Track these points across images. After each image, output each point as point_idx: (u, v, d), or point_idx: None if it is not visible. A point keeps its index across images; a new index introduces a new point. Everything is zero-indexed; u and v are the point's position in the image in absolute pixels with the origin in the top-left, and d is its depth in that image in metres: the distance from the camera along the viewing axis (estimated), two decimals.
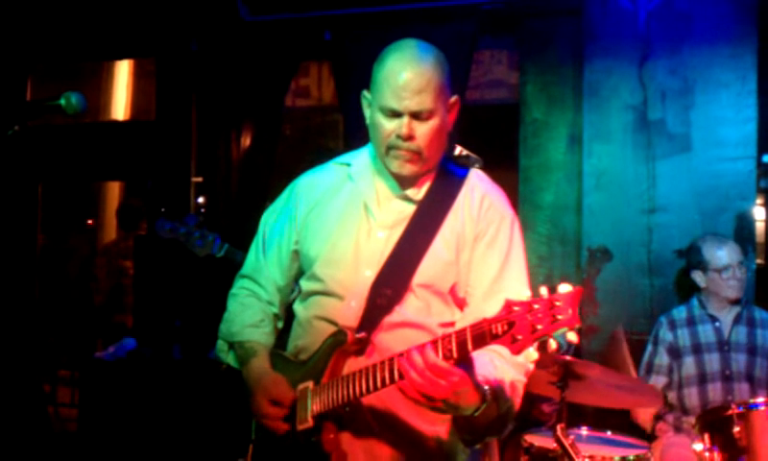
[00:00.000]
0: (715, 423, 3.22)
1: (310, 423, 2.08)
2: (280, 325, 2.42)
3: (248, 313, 2.37)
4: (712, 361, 3.85)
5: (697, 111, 4.45)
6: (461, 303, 2.17)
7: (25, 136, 2.16)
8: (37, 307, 6.24)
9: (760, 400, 3.24)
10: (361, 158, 2.31)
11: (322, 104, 6.03)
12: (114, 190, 8.20)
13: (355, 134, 4.94)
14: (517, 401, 2.06)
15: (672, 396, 3.92)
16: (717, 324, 3.89)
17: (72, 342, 6.95)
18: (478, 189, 2.22)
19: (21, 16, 5.73)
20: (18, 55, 5.86)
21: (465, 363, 1.83)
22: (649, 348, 4.02)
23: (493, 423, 2.00)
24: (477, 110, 5.57)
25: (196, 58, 5.45)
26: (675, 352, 3.92)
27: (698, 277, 3.95)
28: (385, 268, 2.13)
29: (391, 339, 2.07)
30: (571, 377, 3.18)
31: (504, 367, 2.01)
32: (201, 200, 5.81)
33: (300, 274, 2.34)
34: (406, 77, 2.07)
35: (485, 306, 1.95)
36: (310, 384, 2.11)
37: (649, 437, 3.85)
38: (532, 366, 2.10)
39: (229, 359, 2.38)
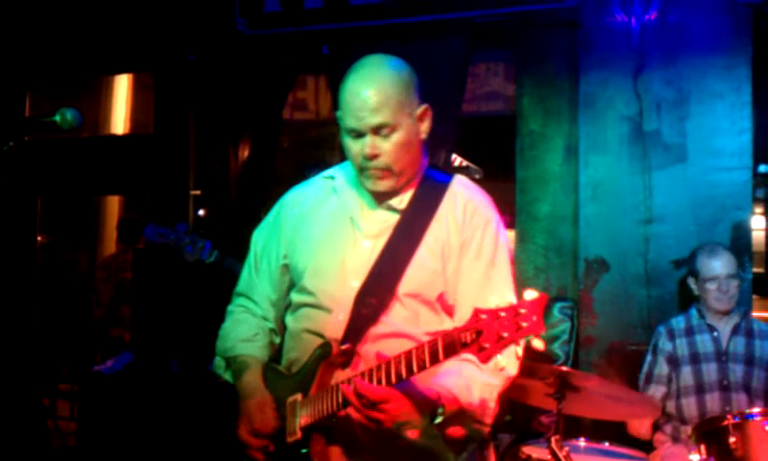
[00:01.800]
0: (711, 433, 3.21)
1: (298, 435, 2.11)
2: (277, 339, 2.43)
3: (241, 328, 2.40)
4: (710, 371, 3.85)
5: (692, 122, 4.45)
6: (450, 311, 2.18)
7: (23, 151, 2.18)
8: (37, 321, 6.24)
9: (756, 410, 3.24)
10: (345, 171, 2.34)
11: (319, 117, 6.06)
12: (113, 204, 8.21)
13: None
14: (491, 405, 2.09)
15: (670, 405, 3.91)
16: (716, 334, 3.89)
17: (71, 355, 6.95)
18: (461, 196, 2.23)
19: (19, 32, 5.76)
20: (17, 70, 5.88)
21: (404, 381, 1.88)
22: (648, 357, 4.01)
23: (468, 427, 2.07)
24: (474, 122, 5.60)
25: (194, 71, 5.47)
26: (674, 362, 3.91)
27: (692, 284, 3.97)
28: (370, 278, 2.15)
29: (377, 349, 2.07)
30: (568, 389, 3.18)
31: (473, 373, 2.04)
32: (201, 212, 5.83)
33: (291, 287, 2.35)
34: (362, 96, 2.08)
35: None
36: (299, 396, 2.14)
37: (647, 448, 3.85)
38: (513, 371, 2.12)
39: (227, 376, 2.40)
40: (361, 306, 2.13)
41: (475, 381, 2.04)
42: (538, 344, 1.66)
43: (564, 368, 3.21)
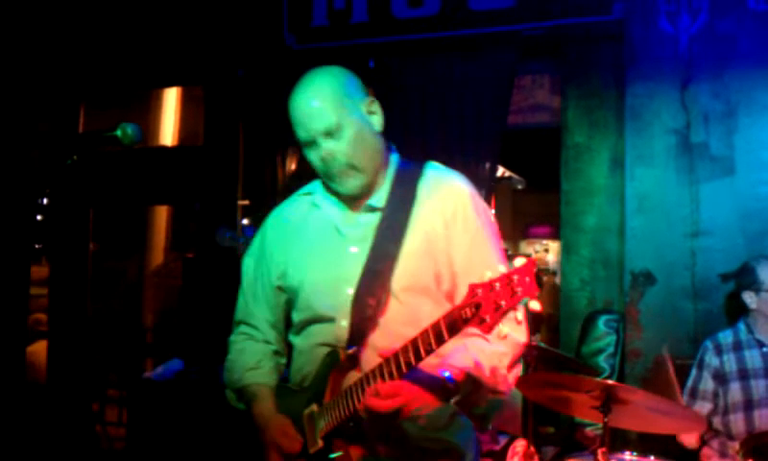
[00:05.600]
0: (760, 449, 3.19)
1: (320, 444, 2.17)
2: (283, 360, 2.49)
3: (245, 357, 2.45)
4: (759, 387, 3.80)
5: (740, 135, 4.41)
6: (450, 296, 2.22)
7: (78, 163, 2.26)
8: (89, 328, 6.37)
9: None
10: (322, 185, 2.38)
11: None
12: (162, 213, 8.35)
13: None
14: (503, 371, 2.15)
15: (717, 421, 3.88)
16: (765, 349, 3.85)
17: (121, 362, 7.08)
18: (436, 179, 2.29)
19: (74, 47, 5.92)
20: (72, 84, 6.04)
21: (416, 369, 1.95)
22: (693, 372, 3.98)
23: (482, 398, 2.16)
24: (519, 134, 5.61)
25: (243, 85, 5.57)
26: (721, 378, 3.88)
27: (749, 298, 3.89)
28: (362, 282, 2.19)
29: (379, 351, 2.11)
30: (614, 402, 3.17)
31: (478, 345, 2.12)
32: (245, 221, 5.91)
33: (290, 307, 2.41)
34: (303, 107, 2.20)
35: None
36: (315, 407, 2.20)
37: None
38: (521, 337, 2.18)
39: (240, 406, 2.46)
40: (359, 311, 2.18)
41: (481, 352, 2.11)
42: (535, 305, 1.75)
43: (610, 381, 3.20)
